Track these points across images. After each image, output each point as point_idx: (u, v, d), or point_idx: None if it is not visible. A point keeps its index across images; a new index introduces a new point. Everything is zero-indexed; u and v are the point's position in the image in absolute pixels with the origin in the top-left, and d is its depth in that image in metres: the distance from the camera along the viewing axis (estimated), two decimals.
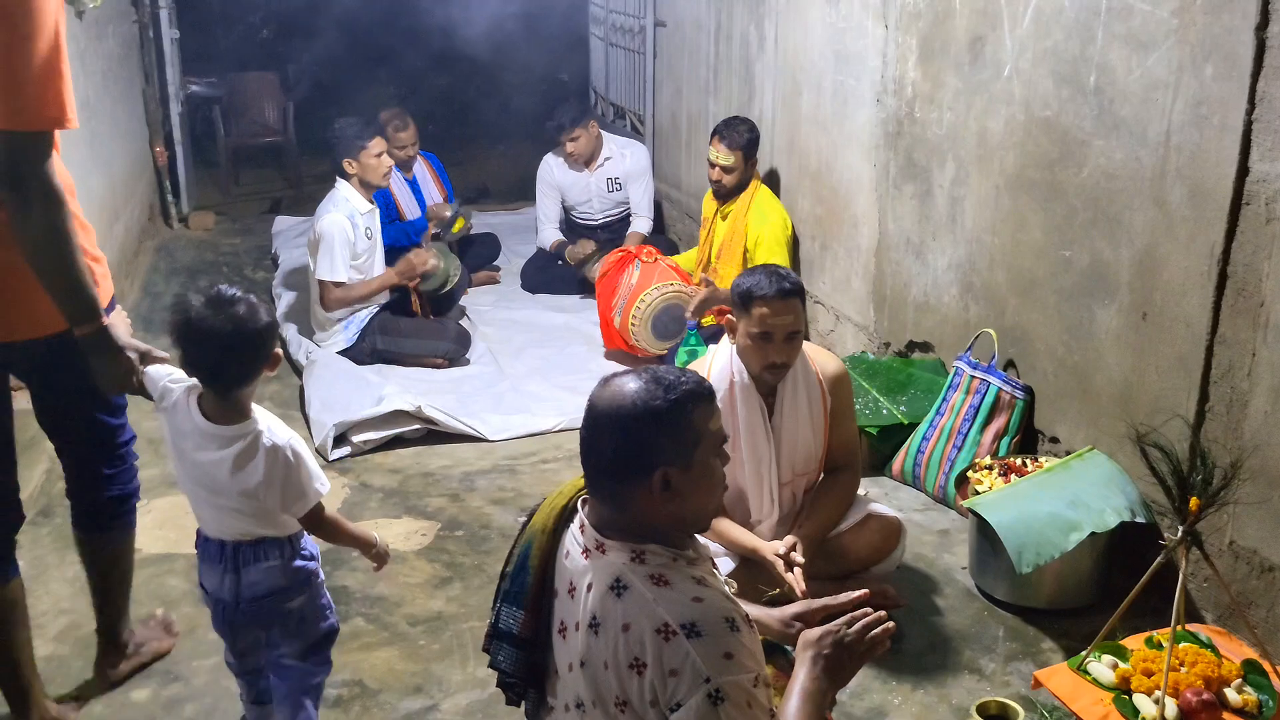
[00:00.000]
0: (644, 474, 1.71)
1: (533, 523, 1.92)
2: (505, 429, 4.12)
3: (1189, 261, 2.73)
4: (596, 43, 7.64)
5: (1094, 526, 2.82)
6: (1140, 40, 2.82)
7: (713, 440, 1.76)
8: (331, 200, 4.66)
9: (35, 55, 1.98)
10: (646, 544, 1.73)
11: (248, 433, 2.15)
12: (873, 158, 4.14)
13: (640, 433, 1.72)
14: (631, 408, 1.72)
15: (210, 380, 2.15)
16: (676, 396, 1.73)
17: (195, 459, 2.19)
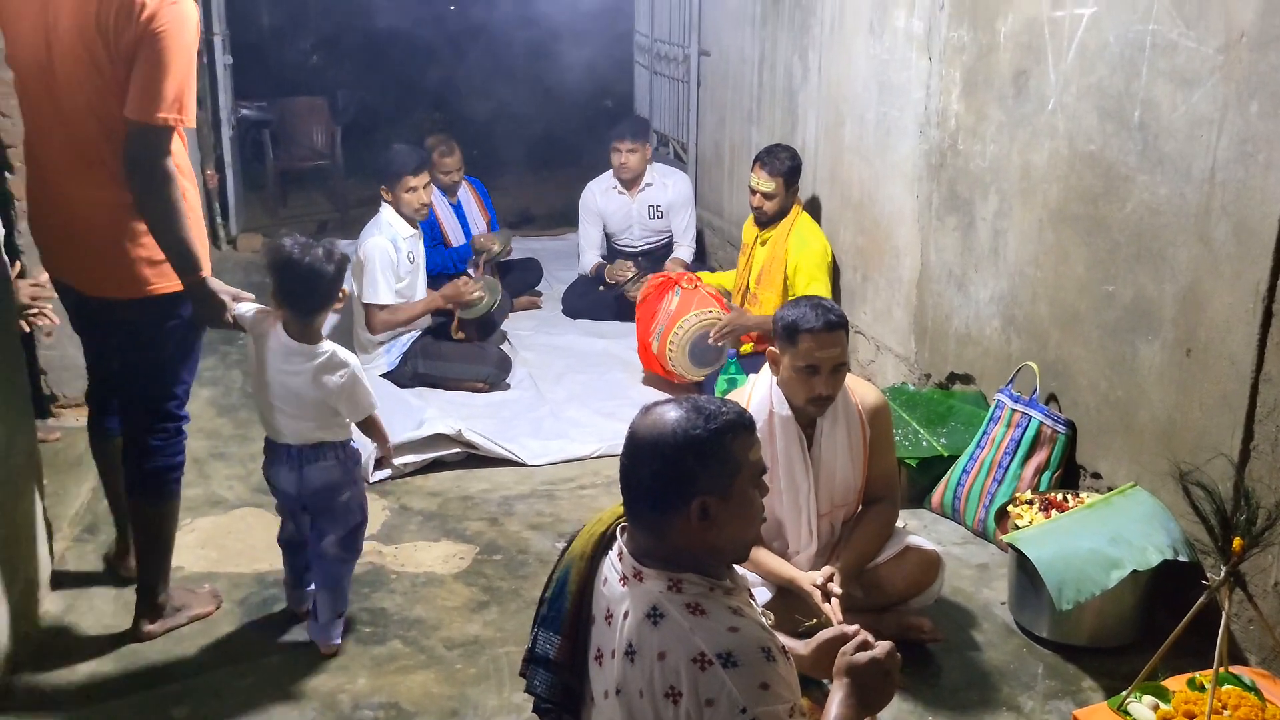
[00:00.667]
0: (683, 503, 1.73)
1: (572, 549, 1.94)
2: (544, 454, 4.14)
3: (1233, 298, 2.71)
4: (641, 71, 7.71)
5: (1136, 564, 2.79)
6: (1184, 77, 2.81)
7: (752, 470, 1.78)
8: (375, 224, 4.74)
9: (176, 67, 2.57)
10: (684, 573, 1.75)
11: (325, 350, 2.83)
12: (915, 189, 4.14)
13: (680, 461, 1.73)
14: (672, 436, 1.74)
15: (294, 304, 2.79)
16: (717, 426, 1.74)
17: (282, 371, 2.82)
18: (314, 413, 2.85)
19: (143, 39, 2.54)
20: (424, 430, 4.05)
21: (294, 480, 2.90)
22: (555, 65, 8.63)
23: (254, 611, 3.14)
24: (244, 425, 4.44)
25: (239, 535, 3.58)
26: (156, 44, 2.54)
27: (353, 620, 3.10)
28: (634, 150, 5.69)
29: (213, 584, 3.26)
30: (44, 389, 4.26)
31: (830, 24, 4.74)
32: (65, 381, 4.32)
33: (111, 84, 2.59)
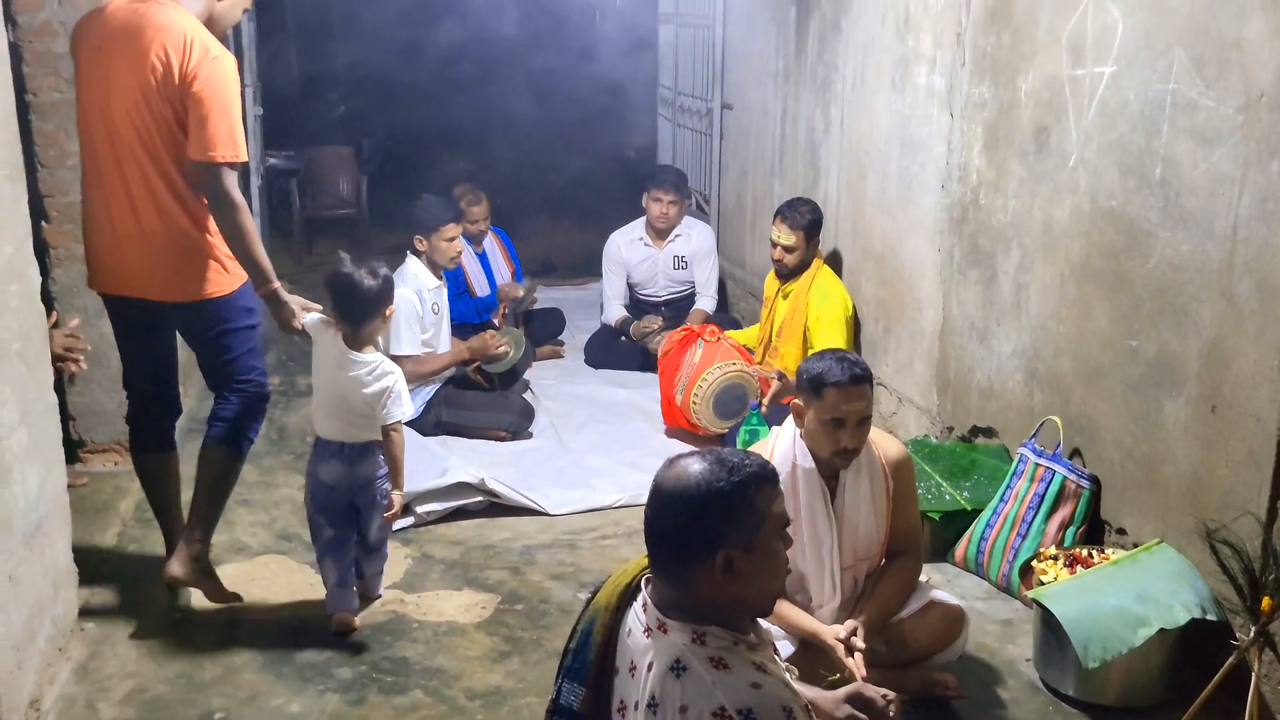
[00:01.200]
0: (707, 555, 1.74)
1: (596, 599, 1.94)
2: (566, 503, 4.15)
3: (1258, 355, 2.71)
4: (664, 123, 7.80)
5: (1163, 622, 2.76)
6: (1205, 135, 2.84)
7: (776, 523, 1.79)
8: (400, 275, 4.79)
9: (222, 112, 3.05)
10: (708, 626, 1.75)
11: (376, 360, 3.25)
12: (937, 242, 4.17)
13: (704, 514, 1.75)
14: (696, 489, 1.75)
15: (344, 315, 3.21)
16: (741, 478, 1.76)
17: (336, 376, 3.23)
18: (361, 413, 3.25)
19: (189, 92, 3.02)
20: (447, 479, 4.08)
21: (342, 474, 3.28)
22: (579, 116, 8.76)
23: (276, 659, 3.15)
24: (268, 472, 4.48)
25: (262, 582, 3.60)
26: (203, 95, 3.02)
27: (374, 669, 3.10)
28: (675, 203, 5.75)
29: (236, 630, 3.28)
30: (73, 434, 4.31)
31: (852, 80, 4.81)
32: (94, 427, 4.37)
33: (162, 127, 3.07)
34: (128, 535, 3.89)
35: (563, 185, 9.38)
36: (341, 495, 3.30)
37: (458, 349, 4.90)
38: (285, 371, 5.65)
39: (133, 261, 3.21)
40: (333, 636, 3.24)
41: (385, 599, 3.49)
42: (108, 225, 3.20)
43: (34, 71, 4.03)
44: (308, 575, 3.64)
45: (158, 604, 3.43)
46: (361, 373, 3.21)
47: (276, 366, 5.73)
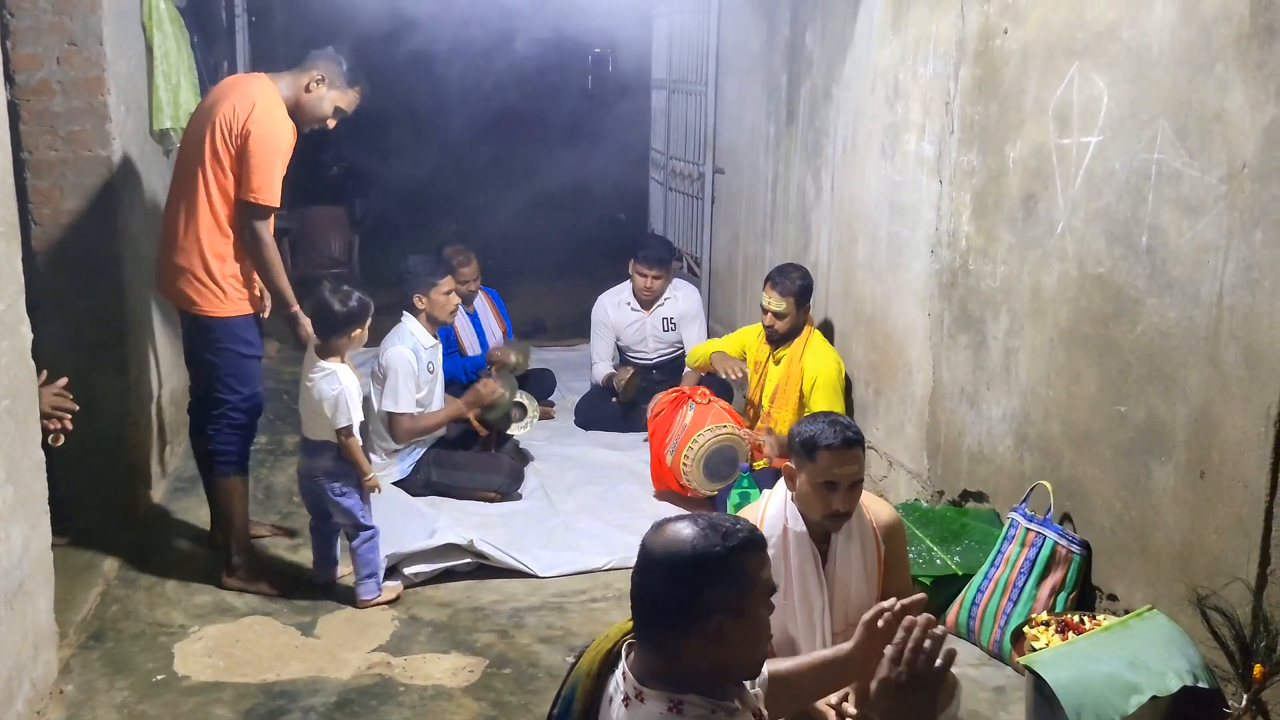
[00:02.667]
0: (694, 622, 1.72)
1: (579, 665, 1.93)
2: (555, 565, 4.12)
3: (1245, 421, 2.73)
4: (655, 186, 7.89)
5: (1155, 690, 2.74)
6: (1190, 204, 2.89)
7: (763, 590, 1.78)
8: (398, 333, 4.81)
9: (263, 163, 3.73)
10: (685, 694, 1.74)
11: (331, 367, 3.77)
12: (927, 307, 4.21)
13: (695, 580, 1.74)
14: (690, 554, 1.75)
15: (316, 328, 3.82)
16: (734, 544, 1.75)
17: (306, 380, 3.81)
18: (317, 411, 3.78)
19: (243, 144, 3.73)
20: (436, 540, 4.05)
21: (304, 464, 3.91)
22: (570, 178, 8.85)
23: None
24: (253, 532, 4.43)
25: (247, 644, 3.55)
26: (254, 148, 3.72)
27: None
28: (659, 278, 5.78)
29: (219, 695, 3.23)
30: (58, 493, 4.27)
31: (843, 146, 4.88)
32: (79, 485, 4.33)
33: (220, 167, 3.75)
34: (110, 595, 3.84)
35: (554, 246, 9.45)
36: (308, 484, 3.90)
37: (454, 405, 4.90)
38: (274, 431, 5.62)
39: (170, 270, 3.87)
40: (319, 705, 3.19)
41: (371, 661, 3.44)
42: (167, 236, 3.92)
43: (30, 129, 4.07)
44: (292, 637, 3.60)
45: (139, 666, 3.38)
46: (317, 376, 3.77)
47: (265, 425, 5.68)
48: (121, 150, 4.23)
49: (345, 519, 3.85)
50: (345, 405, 3.73)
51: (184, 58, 5.05)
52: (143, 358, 4.53)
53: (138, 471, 4.44)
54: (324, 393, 3.73)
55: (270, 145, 3.74)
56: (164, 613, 3.74)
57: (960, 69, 3.94)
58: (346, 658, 3.47)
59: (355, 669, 3.40)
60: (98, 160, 4.15)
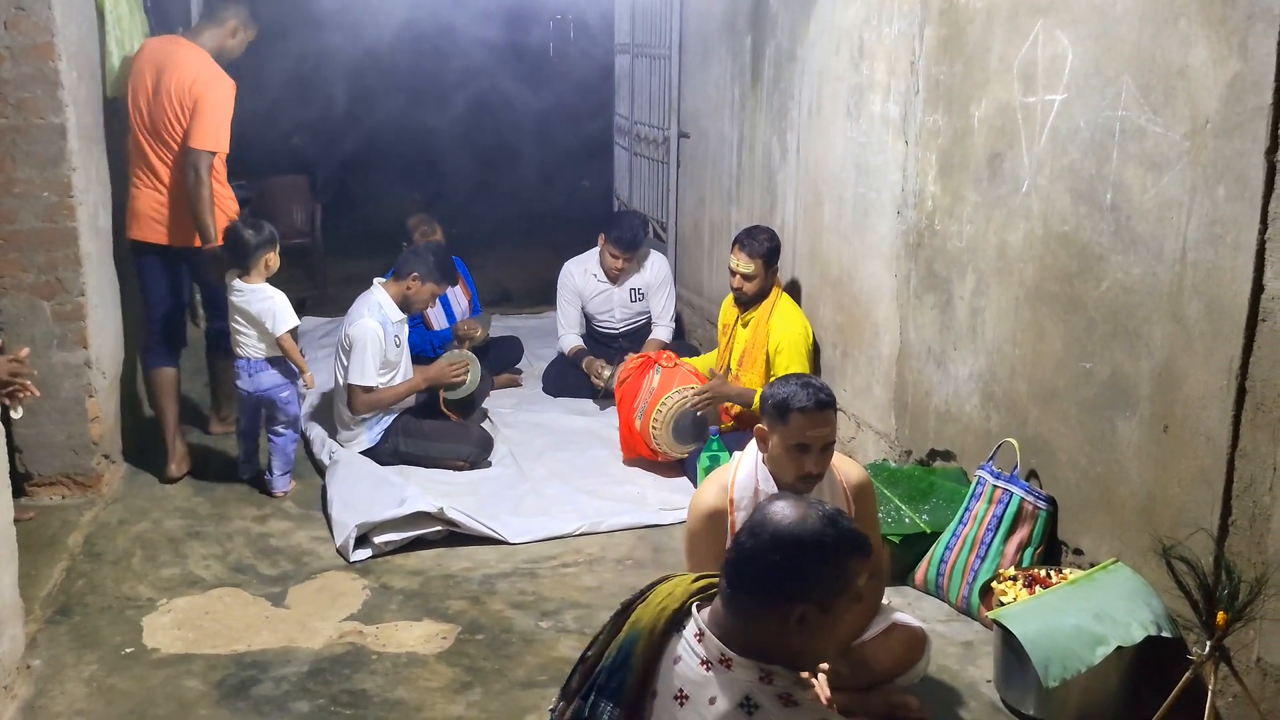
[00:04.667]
0: (788, 603, 1.75)
1: (639, 620, 1.93)
2: (526, 532, 4.12)
3: (1208, 376, 2.76)
4: (620, 152, 7.84)
5: (1120, 640, 2.79)
6: (1154, 161, 2.90)
7: (854, 594, 1.81)
8: (366, 304, 4.75)
9: (210, 118, 4.49)
10: (773, 665, 1.77)
11: (258, 287, 4.38)
12: (894, 268, 4.22)
13: (803, 561, 1.77)
14: (807, 536, 1.77)
15: (235, 261, 4.40)
16: (847, 541, 1.79)
17: (238, 304, 4.37)
18: (250, 331, 4.38)
19: (194, 107, 4.48)
20: (405, 508, 4.03)
21: (247, 383, 4.44)
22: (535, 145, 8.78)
23: (231, 694, 3.08)
24: (220, 504, 4.40)
25: (216, 616, 3.53)
26: (199, 109, 4.47)
27: (332, 702, 3.05)
28: (629, 260, 5.75)
29: (189, 668, 3.21)
30: (19, 467, 4.21)
31: (808, 108, 4.86)
32: (41, 460, 4.28)
33: (175, 124, 4.51)
34: (76, 570, 3.80)
35: (519, 214, 9.38)
36: (254, 401, 4.49)
37: (414, 379, 4.86)
38: None
39: (157, 214, 4.59)
40: (292, 675, 3.18)
41: (343, 630, 3.43)
42: (142, 188, 4.59)
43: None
44: (263, 608, 3.58)
45: (107, 640, 3.35)
46: (249, 296, 4.35)
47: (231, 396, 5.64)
48: (75, 118, 4.14)
49: (287, 421, 4.48)
50: (280, 313, 4.35)
51: (137, 23, 4.95)
52: (103, 329, 4.46)
53: (101, 445, 4.38)
54: (259, 308, 4.34)
55: (216, 104, 4.51)
56: (131, 586, 3.70)
57: (925, 28, 3.93)
58: (318, 627, 3.45)
59: (327, 638, 3.38)
60: (50, 128, 4.05)
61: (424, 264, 4.82)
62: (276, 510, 4.36)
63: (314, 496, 4.47)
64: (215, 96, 4.49)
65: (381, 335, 4.67)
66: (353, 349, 4.64)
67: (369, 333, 4.64)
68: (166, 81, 4.46)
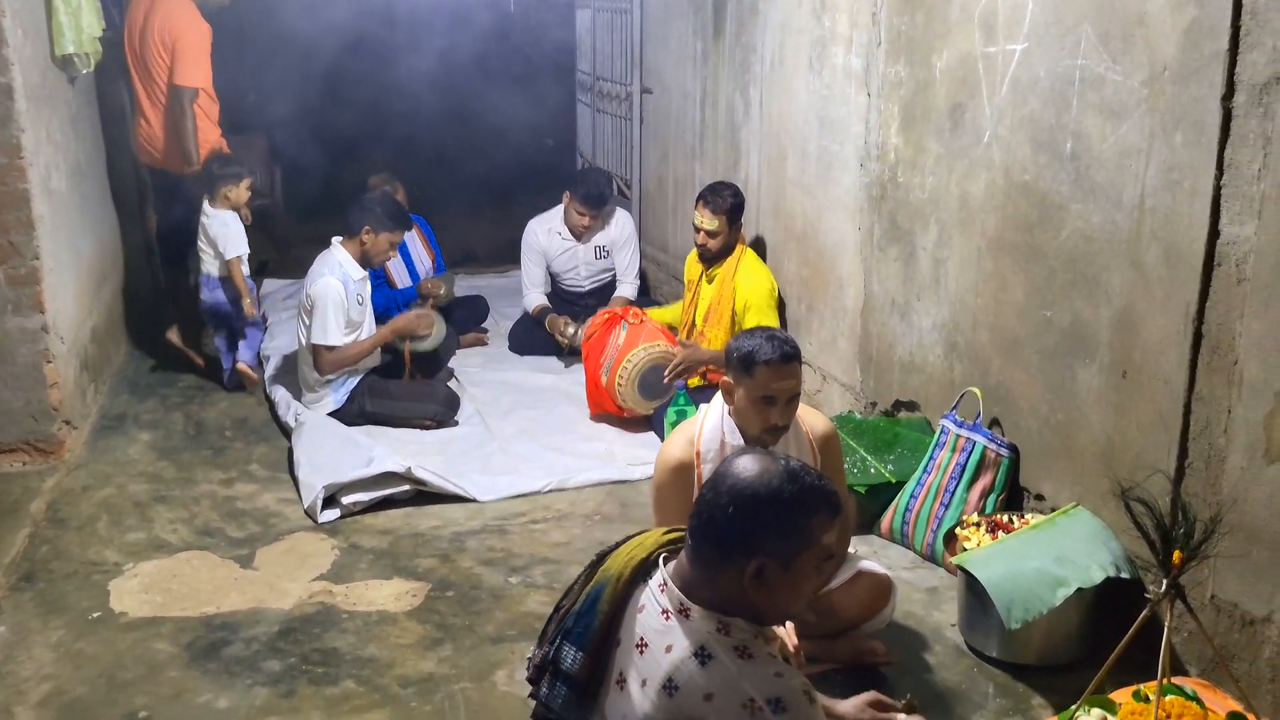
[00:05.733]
0: (744, 555, 1.75)
1: (609, 568, 1.93)
2: (494, 489, 4.13)
3: (1166, 321, 2.80)
4: (583, 108, 7.78)
5: (1080, 582, 2.85)
6: (1113, 109, 2.92)
7: (820, 552, 1.80)
8: (326, 263, 4.70)
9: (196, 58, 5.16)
10: (732, 616, 1.77)
11: (217, 214, 5.07)
12: (857, 220, 4.23)
13: (758, 515, 1.76)
14: (762, 488, 1.76)
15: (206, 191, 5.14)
16: (805, 496, 1.77)
17: (203, 224, 5.09)
18: (206, 248, 5.11)
19: (175, 43, 5.13)
20: (373, 468, 4.02)
21: (208, 297, 5.16)
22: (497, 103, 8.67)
23: (201, 655, 3.08)
24: (186, 468, 4.37)
25: (184, 579, 3.51)
26: (178, 49, 5.13)
27: (304, 661, 3.05)
28: (597, 217, 5.71)
29: (158, 630, 3.20)
30: None
31: (771, 61, 4.84)
32: (1, 427, 4.22)
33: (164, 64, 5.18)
34: (39, 536, 3.77)
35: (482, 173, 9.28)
36: (215, 310, 5.17)
37: (379, 333, 4.83)
38: (203, 372, 5.51)
39: (152, 142, 5.33)
40: (262, 635, 3.18)
41: (313, 590, 3.43)
42: (139, 119, 5.33)
43: None
44: (231, 570, 3.57)
45: (74, 605, 3.33)
46: (210, 220, 5.06)
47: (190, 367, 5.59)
48: (21, 77, 4.04)
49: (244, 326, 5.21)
50: (232, 240, 5.03)
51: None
52: (60, 293, 4.39)
53: (61, 410, 4.33)
54: (216, 232, 5.04)
55: (193, 44, 5.15)
56: (96, 551, 3.68)
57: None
58: (287, 588, 3.45)
59: (297, 598, 3.38)
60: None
61: (372, 215, 4.76)
62: (243, 473, 4.34)
63: (280, 459, 4.45)
64: (192, 36, 5.12)
65: (343, 293, 4.63)
66: (314, 309, 4.60)
67: (330, 290, 4.60)
68: (152, 22, 5.11)
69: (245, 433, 4.75)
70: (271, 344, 5.63)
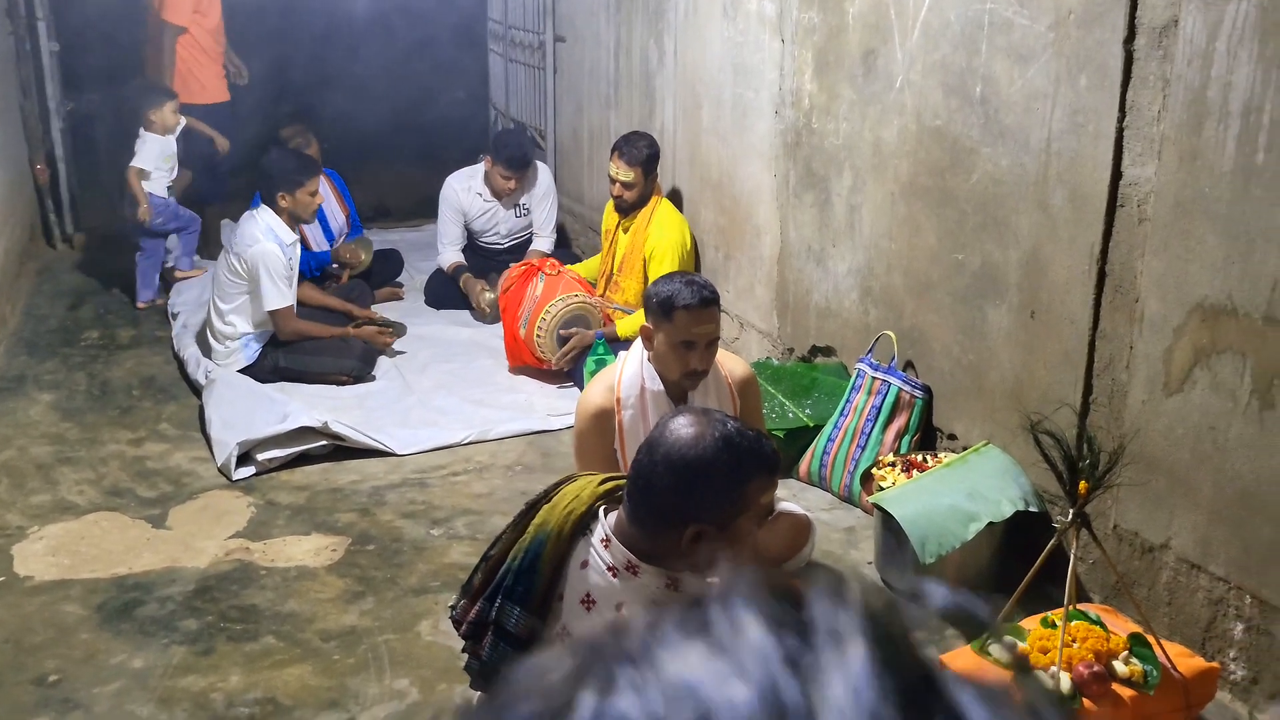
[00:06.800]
0: (680, 521, 1.74)
1: (545, 522, 1.91)
2: (413, 443, 4.09)
3: (1071, 261, 2.88)
4: (495, 59, 7.65)
5: (991, 516, 2.94)
6: (1020, 53, 2.97)
7: (758, 512, 1.79)
8: (256, 227, 4.56)
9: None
10: (680, 573, 1.77)
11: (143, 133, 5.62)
12: (773, 168, 4.25)
13: (693, 484, 1.74)
14: (696, 457, 1.73)
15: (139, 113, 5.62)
16: (739, 461, 1.74)
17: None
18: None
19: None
20: (288, 424, 3.95)
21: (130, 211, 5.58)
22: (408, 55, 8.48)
23: (114, 616, 3.01)
24: (91, 429, 4.24)
25: (93, 540, 3.42)
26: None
27: (221, 618, 3.01)
28: (521, 180, 5.60)
29: (66, 593, 3.12)
30: None
31: (684, 8, 4.81)
32: None
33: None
34: None
35: (394, 126, 9.08)
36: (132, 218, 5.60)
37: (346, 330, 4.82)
38: (105, 325, 5.34)
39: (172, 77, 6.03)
40: (177, 595, 3.12)
41: (229, 548, 3.37)
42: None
43: None
44: (143, 530, 3.49)
45: None
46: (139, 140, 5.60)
47: (95, 320, 5.41)
48: None
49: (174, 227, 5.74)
50: (137, 153, 5.55)
51: None
52: None
53: None
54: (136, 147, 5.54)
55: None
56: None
57: None
58: (202, 546, 3.38)
59: (212, 556, 3.32)
60: None
61: (279, 179, 4.61)
62: (153, 433, 4.23)
63: (191, 417, 4.34)
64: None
65: (281, 255, 4.53)
66: (259, 276, 4.48)
67: (269, 256, 4.49)
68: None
69: (154, 391, 4.62)
70: (178, 299, 5.47)
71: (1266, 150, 2.35)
